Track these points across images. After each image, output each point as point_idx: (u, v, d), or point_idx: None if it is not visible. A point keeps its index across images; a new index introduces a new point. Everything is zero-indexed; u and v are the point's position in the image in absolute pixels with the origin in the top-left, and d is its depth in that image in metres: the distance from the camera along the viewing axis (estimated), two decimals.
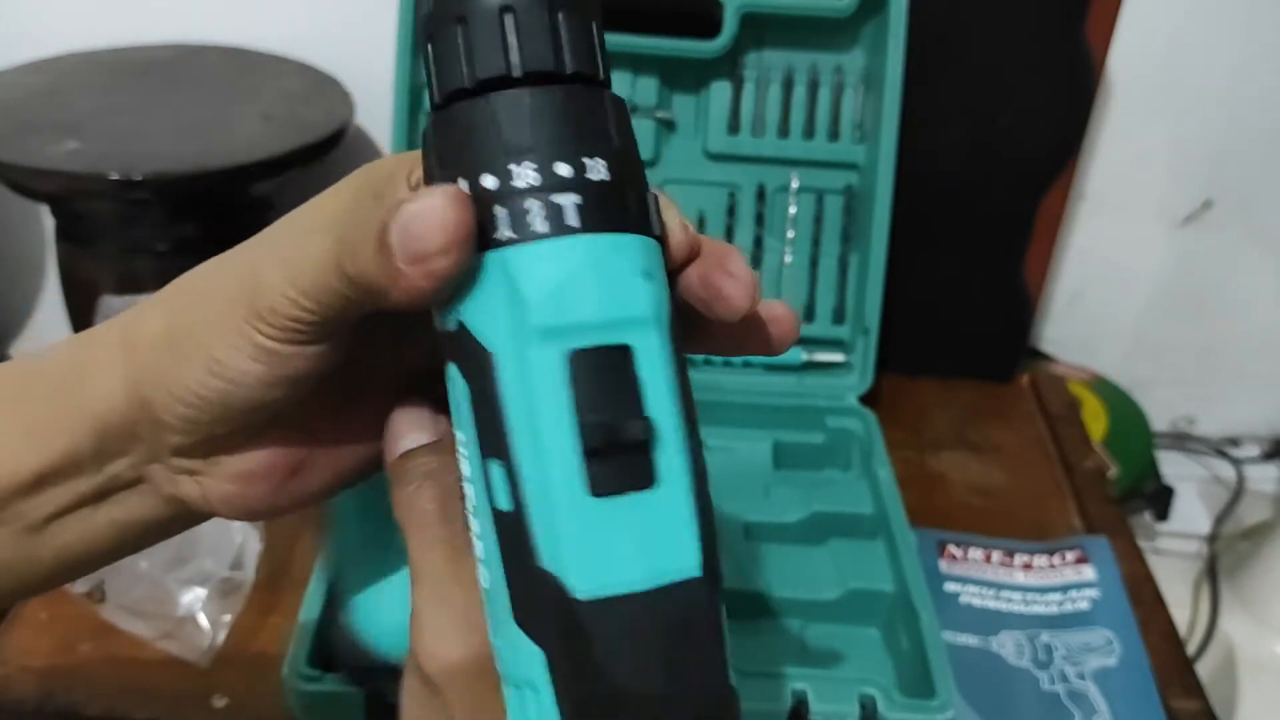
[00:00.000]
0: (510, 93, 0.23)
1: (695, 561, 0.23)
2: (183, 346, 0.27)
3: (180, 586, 0.61)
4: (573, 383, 0.22)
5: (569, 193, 0.22)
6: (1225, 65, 0.87)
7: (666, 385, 0.23)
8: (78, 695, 0.57)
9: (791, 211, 0.75)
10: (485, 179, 0.23)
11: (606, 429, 0.22)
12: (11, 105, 0.76)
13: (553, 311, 0.22)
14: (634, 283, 0.23)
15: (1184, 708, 0.60)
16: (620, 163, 0.23)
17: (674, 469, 0.23)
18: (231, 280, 0.27)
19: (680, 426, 0.23)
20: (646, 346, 0.23)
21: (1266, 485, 1.03)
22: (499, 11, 0.23)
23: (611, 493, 0.22)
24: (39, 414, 0.29)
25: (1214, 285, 0.98)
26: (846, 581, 0.61)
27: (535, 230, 0.22)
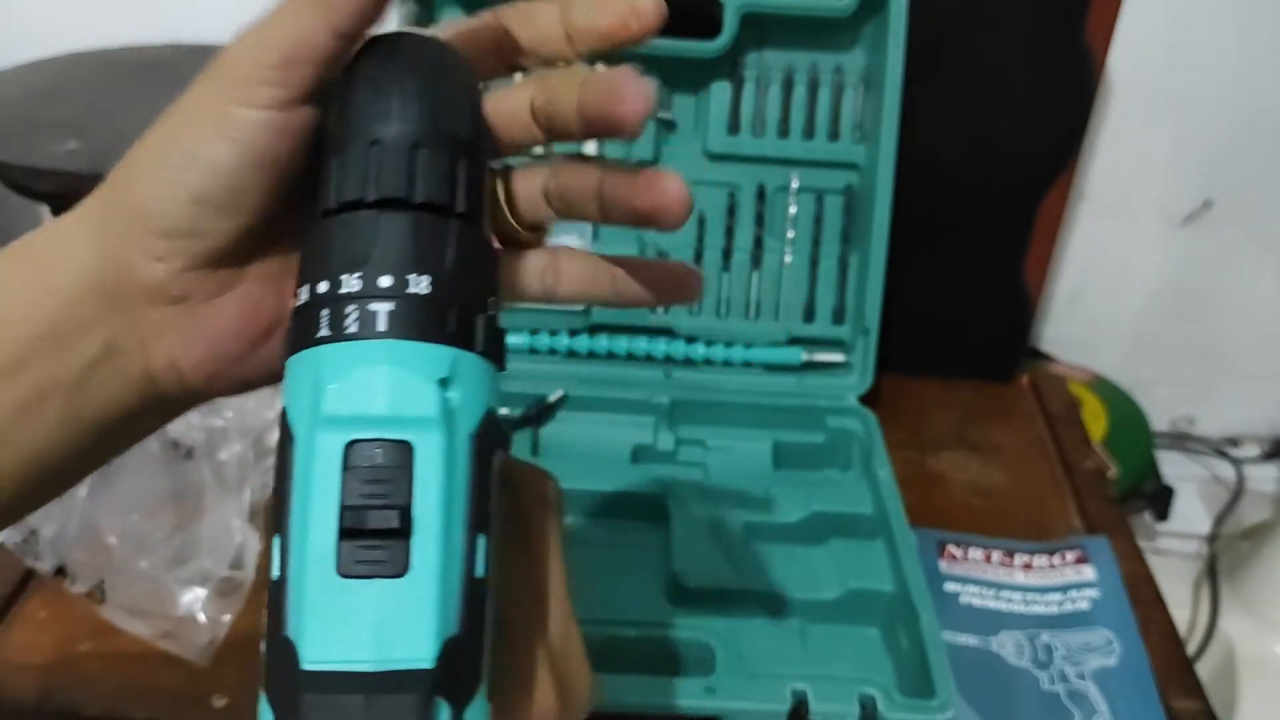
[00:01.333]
0: (360, 213, 0.26)
1: (429, 653, 0.24)
2: (148, 163, 0.27)
3: (180, 586, 0.61)
4: (344, 469, 0.24)
5: (385, 301, 0.25)
6: (1225, 65, 0.87)
7: (439, 485, 0.24)
8: (78, 695, 0.57)
9: (791, 211, 0.75)
10: (320, 285, 0.26)
11: (359, 513, 0.23)
12: (11, 105, 0.76)
13: (341, 401, 0.24)
14: (424, 388, 0.25)
15: (1184, 708, 0.60)
16: (449, 283, 0.26)
17: (427, 562, 0.24)
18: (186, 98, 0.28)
19: (445, 524, 0.24)
20: (428, 446, 0.24)
21: (1266, 485, 1.03)
22: (367, 145, 0.26)
23: (357, 575, 0.24)
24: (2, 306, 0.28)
25: (1214, 285, 0.98)
26: (846, 581, 0.61)
27: (348, 331, 0.25)
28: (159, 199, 0.27)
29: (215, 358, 0.30)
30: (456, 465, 0.25)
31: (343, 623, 0.24)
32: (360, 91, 0.27)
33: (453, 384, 0.25)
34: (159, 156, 0.27)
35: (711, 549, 0.63)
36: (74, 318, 0.28)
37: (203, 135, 0.27)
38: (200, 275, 0.29)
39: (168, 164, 0.27)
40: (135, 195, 0.28)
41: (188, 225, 0.27)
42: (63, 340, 0.28)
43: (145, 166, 0.28)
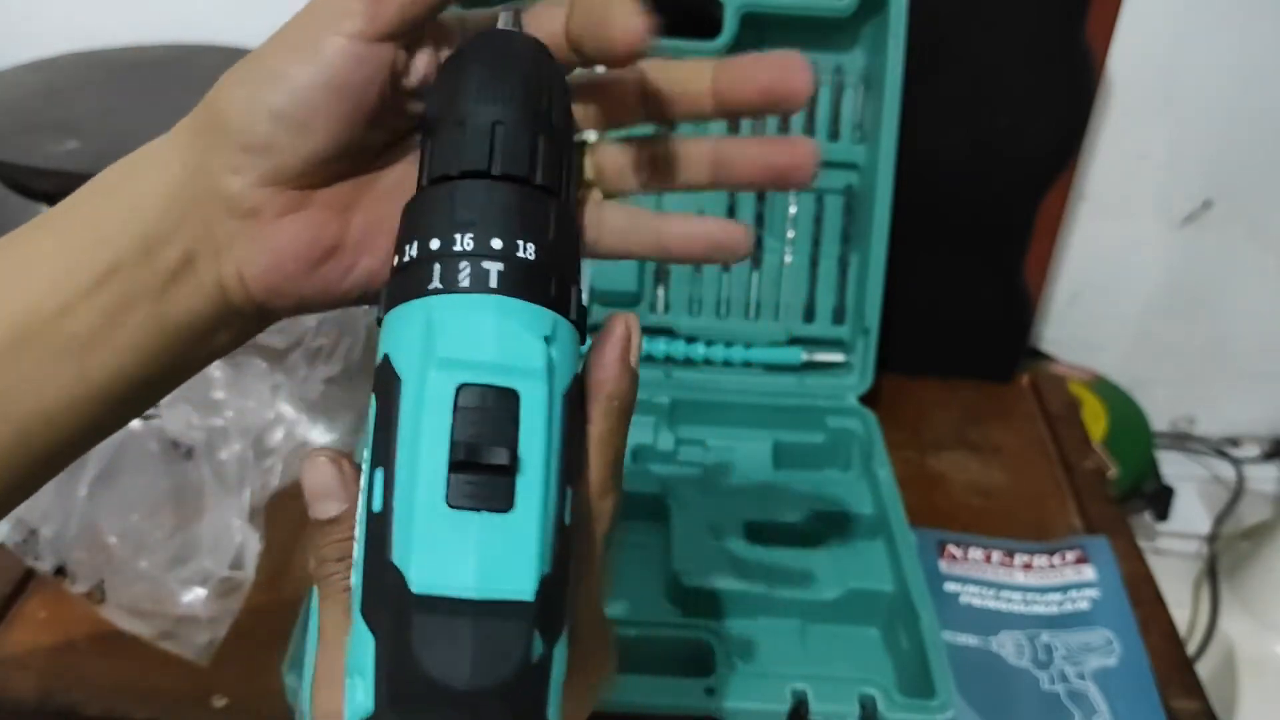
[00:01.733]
0: (474, 181, 0.28)
1: (530, 587, 0.25)
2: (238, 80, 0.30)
3: (180, 586, 0.61)
4: (457, 407, 0.25)
5: (496, 261, 0.27)
6: (1225, 65, 0.87)
7: (543, 432, 0.26)
8: (77, 695, 0.57)
9: (791, 211, 0.75)
10: (432, 242, 0.27)
11: (472, 448, 0.25)
12: (11, 105, 0.76)
13: (455, 346, 0.26)
14: (533, 342, 0.26)
15: (1184, 708, 0.60)
16: (550, 253, 0.28)
17: (531, 502, 0.25)
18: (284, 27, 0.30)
19: (546, 469, 0.26)
20: (532, 396, 0.26)
21: (1266, 485, 1.03)
22: (491, 124, 0.28)
23: (466, 506, 0.25)
24: (93, 218, 0.30)
25: (1214, 285, 0.98)
26: (846, 581, 0.61)
27: (461, 285, 0.26)
28: (242, 113, 0.30)
29: (277, 272, 0.31)
30: (555, 417, 0.26)
31: (451, 551, 0.25)
32: (483, 74, 0.29)
33: (553, 343, 0.27)
34: (247, 75, 0.30)
35: (711, 549, 0.63)
36: (162, 226, 0.30)
37: (288, 57, 0.29)
38: (272, 192, 0.30)
39: (253, 80, 0.30)
40: (221, 109, 0.30)
41: (264, 140, 0.30)
42: (151, 248, 0.30)
43: (234, 84, 0.30)
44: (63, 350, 0.29)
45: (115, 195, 0.31)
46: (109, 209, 0.30)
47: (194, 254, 0.31)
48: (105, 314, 0.30)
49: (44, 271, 0.30)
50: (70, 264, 0.29)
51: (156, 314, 0.30)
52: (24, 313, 0.29)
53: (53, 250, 0.30)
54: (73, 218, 0.31)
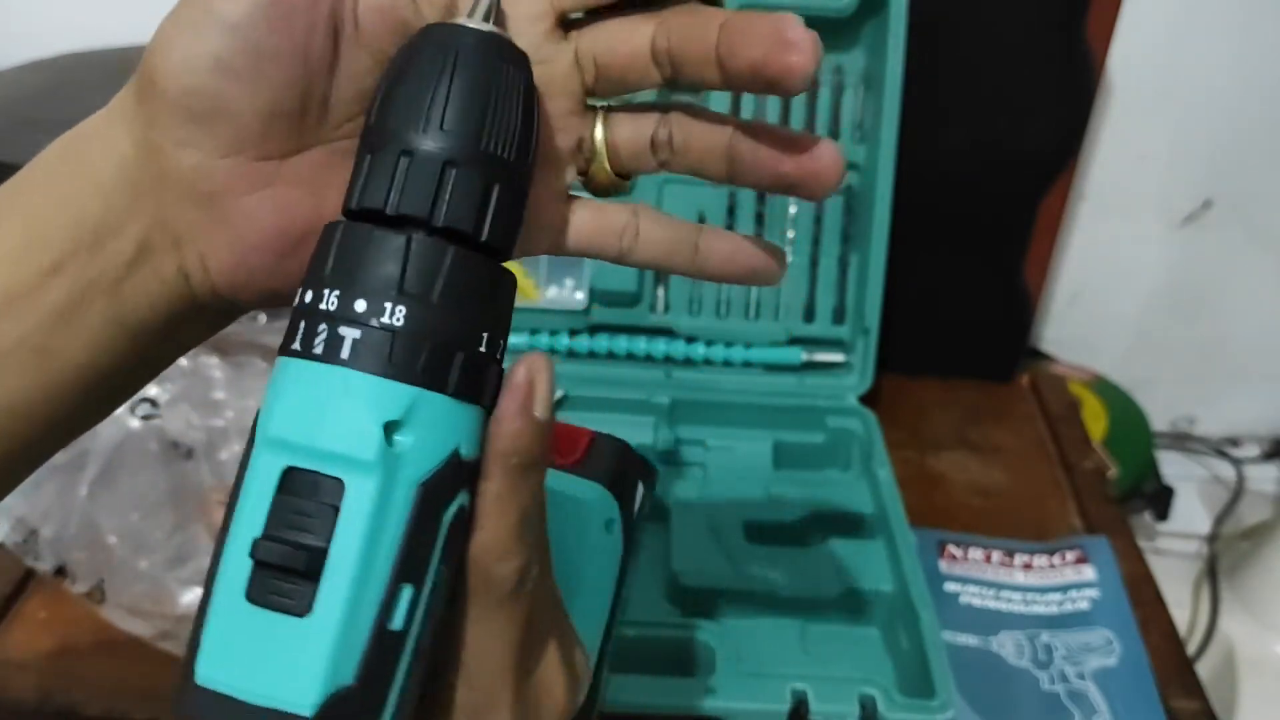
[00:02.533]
0: (359, 226, 0.25)
1: (309, 701, 0.23)
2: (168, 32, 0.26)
3: (180, 586, 0.61)
4: (279, 492, 0.24)
5: (354, 328, 0.24)
6: (1225, 65, 0.87)
7: (364, 531, 0.23)
8: (77, 695, 0.57)
9: (791, 211, 0.75)
10: (307, 293, 0.25)
11: (270, 545, 0.23)
12: (11, 105, 0.76)
13: (285, 425, 0.24)
14: (369, 428, 0.24)
15: (1184, 708, 0.60)
16: (432, 316, 0.24)
17: (331, 609, 0.23)
18: None
19: (358, 573, 0.23)
20: (358, 488, 0.23)
21: (1266, 485, 1.03)
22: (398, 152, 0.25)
23: (261, 604, 0.23)
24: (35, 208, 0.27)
25: (1214, 285, 0.98)
26: (846, 581, 0.61)
27: (314, 351, 0.24)
28: (179, 69, 0.26)
29: (243, 264, 0.28)
30: (390, 512, 0.24)
31: (238, 648, 0.24)
32: (403, 90, 0.26)
33: (406, 426, 0.24)
34: (178, 20, 0.26)
35: (711, 549, 0.63)
36: (110, 213, 0.27)
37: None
38: (230, 165, 0.27)
39: (186, 25, 0.26)
40: (157, 68, 0.26)
41: (211, 99, 0.26)
42: (100, 237, 0.27)
43: (167, 36, 0.26)
44: (14, 351, 0.26)
45: (54, 183, 0.27)
46: (48, 200, 0.27)
47: (149, 244, 0.27)
48: (56, 312, 0.27)
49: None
50: (9, 264, 0.26)
51: (114, 309, 0.27)
52: None
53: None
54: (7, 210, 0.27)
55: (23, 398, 0.27)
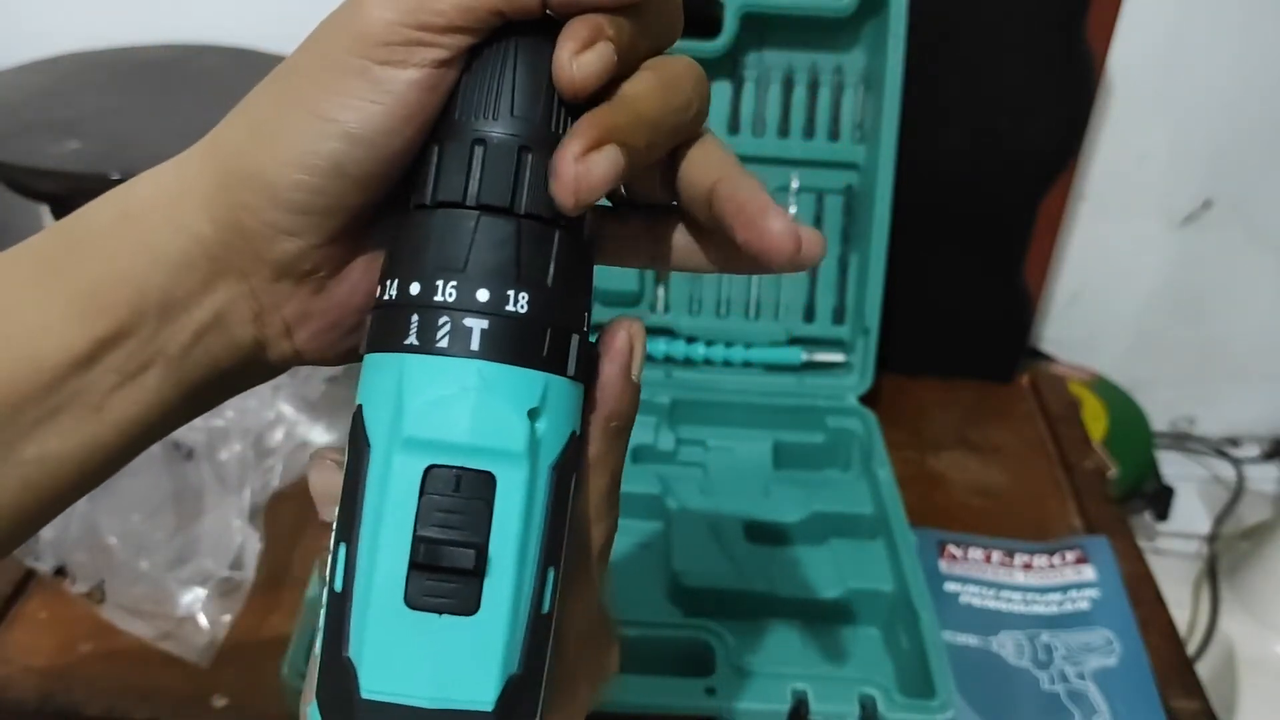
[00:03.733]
0: (458, 213, 0.24)
1: (490, 697, 0.23)
2: (276, 131, 0.25)
3: (180, 586, 0.61)
4: (423, 493, 0.23)
5: (480, 318, 0.24)
6: (1225, 65, 0.87)
7: (519, 521, 0.23)
8: (78, 695, 0.57)
9: (791, 211, 0.75)
10: (412, 285, 0.24)
11: (434, 548, 0.23)
12: (11, 105, 0.76)
13: (423, 425, 0.23)
14: (514, 418, 0.23)
15: (1184, 708, 0.60)
16: (548, 301, 0.24)
17: (499, 602, 0.23)
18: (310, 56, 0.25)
19: (520, 563, 0.24)
20: (510, 480, 0.23)
21: (1266, 485, 1.03)
22: (470, 144, 0.25)
23: (426, 609, 0.23)
24: (92, 278, 0.26)
25: (1214, 285, 0.98)
26: (846, 581, 0.61)
27: (438, 345, 0.23)
28: (294, 171, 0.25)
29: (333, 328, 0.28)
30: (537, 500, 0.24)
31: (406, 655, 0.23)
32: (475, 81, 0.25)
33: (542, 413, 0.24)
34: (290, 124, 0.25)
35: (711, 549, 0.63)
36: (184, 287, 0.26)
37: (345, 100, 0.24)
38: (330, 248, 0.27)
39: (303, 133, 0.24)
40: (263, 167, 0.25)
41: (326, 201, 0.25)
42: (167, 312, 0.26)
43: (273, 135, 0.25)
44: (68, 407, 0.26)
45: (113, 255, 0.26)
46: (108, 271, 0.26)
47: (225, 317, 0.27)
48: (114, 376, 0.26)
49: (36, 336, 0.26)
50: (67, 327, 0.26)
51: (175, 373, 0.27)
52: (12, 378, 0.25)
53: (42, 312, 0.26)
54: (60, 273, 0.26)
55: (72, 450, 0.27)
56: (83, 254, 0.26)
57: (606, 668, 0.30)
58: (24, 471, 0.26)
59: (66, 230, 0.27)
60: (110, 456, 0.27)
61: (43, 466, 0.26)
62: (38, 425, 0.26)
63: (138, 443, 0.28)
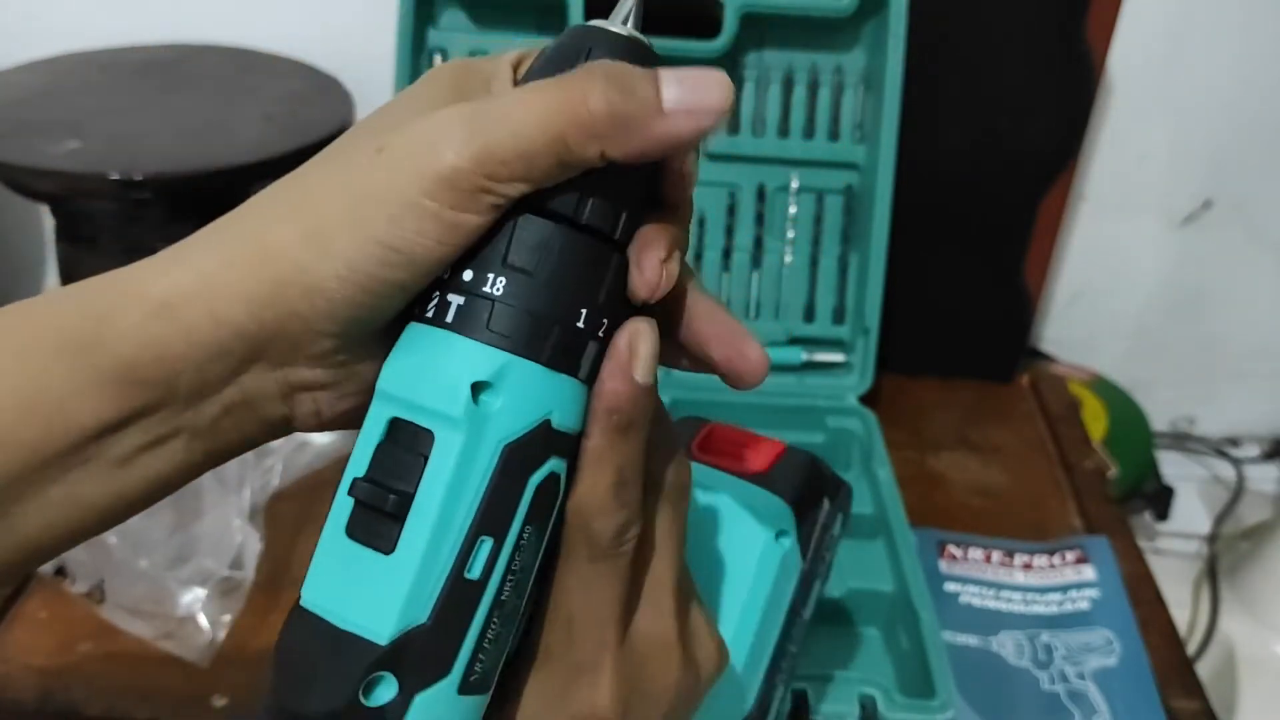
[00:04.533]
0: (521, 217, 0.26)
1: (385, 631, 0.25)
2: (347, 249, 0.26)
3: (180, 586, 0.61)
4: (380, 442, 0.26)
5: (458, 295, 0.26)
6: (1225, 65, 0.87)
7: (447, 480, 0.25)
8: (78, 695, 0.57)
9: (791, 211, 0.75)
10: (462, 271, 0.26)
11: (367, 486, 0.26)
12: (11, 105, 0.76)
13: (394, 380, 0.26)
14: (458, 386, 0.25)
15: (1184, 708, 0.60)
16: (529, 290, 0.26)
17: (412, 550, 0.25)
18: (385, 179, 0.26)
19: (440, 521, 0.25)
20: (446, 442, 0.25)
21: (1266, 485, 1.03)
22: None
23: (356, 539, 0.26)
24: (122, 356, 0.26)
25: (1214, 285, 0.98)
26: (846, 581, 0.61)
27: (427, 315, 0.26)
28: (356, 292, 0.26)
29: (359, 405, 0.29)
30: (474, 467, 0.25)
31: (334, 577, 0.26)
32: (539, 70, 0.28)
33: (494, 389, 0.26)
34: (360, 250, 0.25)
35: None
36: (216, 373, 0.27)
37: (416, 240, 0.25)
38: (368, 342, 0.28)
39: (371, 258, 0.25)
40: (325, 284, 0.26)
41: (376, 314, 0.27)
42: (202, 391, 0.27)
43: (339, 256, 0.26)
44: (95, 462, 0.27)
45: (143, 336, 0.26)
46: (137, 349, 0.26)
47: (254, 396, 0.28)
48: (142, 441, 0.27)
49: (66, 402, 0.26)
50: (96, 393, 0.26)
51: (201, 442, 0.28)
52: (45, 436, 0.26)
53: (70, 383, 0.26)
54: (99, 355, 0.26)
55: (95, 499, 0.28)
56: (116, 334, 0.27)
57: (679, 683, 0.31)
58: (48, 513, 0.27)
59: (91, 305, 0.27)
60: (132, 505, 0.29)
61: (66, 510, 0.27)
62: (64, 474, 0.27)
63: (161, 494, 0.29)
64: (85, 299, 0.28)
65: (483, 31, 0.73)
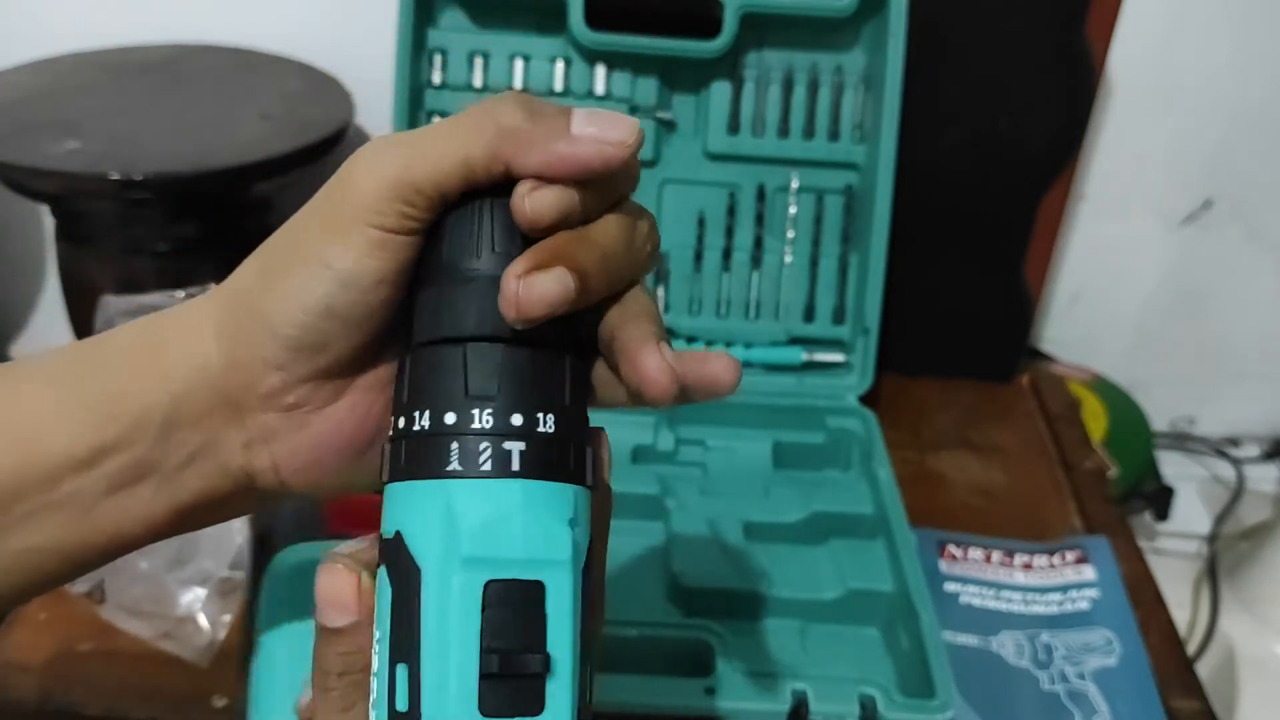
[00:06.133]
0: (485, 345, 0.27)
1: None
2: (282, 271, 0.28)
3: (180, 586, 0.61)
4: (485, 609, 0.25)
5: (517, 440, 0.26)
6: (1224, 65, 0.87)
7: (569, 622, 0.26)
8: (77, 695, 0.57)
9: (791, 211, 0.75)
10: (447, 415, 0.26)
11: (505, 658, 0.25)
12: (11, 105, 0.76)
13: (480, 544, 0.25)
14: (558, 529, 0.26)
15: (1184, 708, 0.60)
16: (567, 419, 0.27)
17: (560, 700, 0.25)
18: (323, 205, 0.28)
19: (573, 661, 0.26)
20: (558, 586, 0.26)
21: (1266, 485, 1.03)
22: (469, 281, 0.27)
23: (499, 714, 0.25)
24: (106, 388, 0.28)
25: (1214, 285, 0.98)
26: (846, 581, 0.61)
27: (482, 469, 0.26)
28: (290, 310, 0.28)
29: (319, 465, 0.30)
30: (578, 602, 0.26)
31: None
32: (484, 221, 0.27)
33: (577, 523, 0.26)
34: (292, 268, 0.28)
35: (711, 549, 0.63)
36: (185, 410, 0.28)
37: (342, 251, 0.27)
38: (316, 385, 0.29)
39: (303, 275, 0.27)
40: (266, 305, 0.28)
41: (316, 339, 0.28)
42: (166, 432, 0.28)
43: (277, 277, 0.28)
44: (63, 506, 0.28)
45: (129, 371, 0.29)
46: (120, 383, 0.28)
47: (218, 443, 0.29)
48: (108, 484, 0.28)
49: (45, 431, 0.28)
50: (73, 430, 0.28)
51: (167, 491, 0.29)
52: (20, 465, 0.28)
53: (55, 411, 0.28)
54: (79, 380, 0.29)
55: (57, 548, 0.28)
56: (105, 367, 0.29)
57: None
58: (5, 562, 0.28)
59: (96, 343, 0.30)
60: (92, 559, 0.29)
61: (25, 558, 0.28)
62: (29, 518, 0.28)
63: (122, 550, 0.30)
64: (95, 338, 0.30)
65: (483, 31, 0.73)
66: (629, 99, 0.73)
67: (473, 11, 0.73)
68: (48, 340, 1.00)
